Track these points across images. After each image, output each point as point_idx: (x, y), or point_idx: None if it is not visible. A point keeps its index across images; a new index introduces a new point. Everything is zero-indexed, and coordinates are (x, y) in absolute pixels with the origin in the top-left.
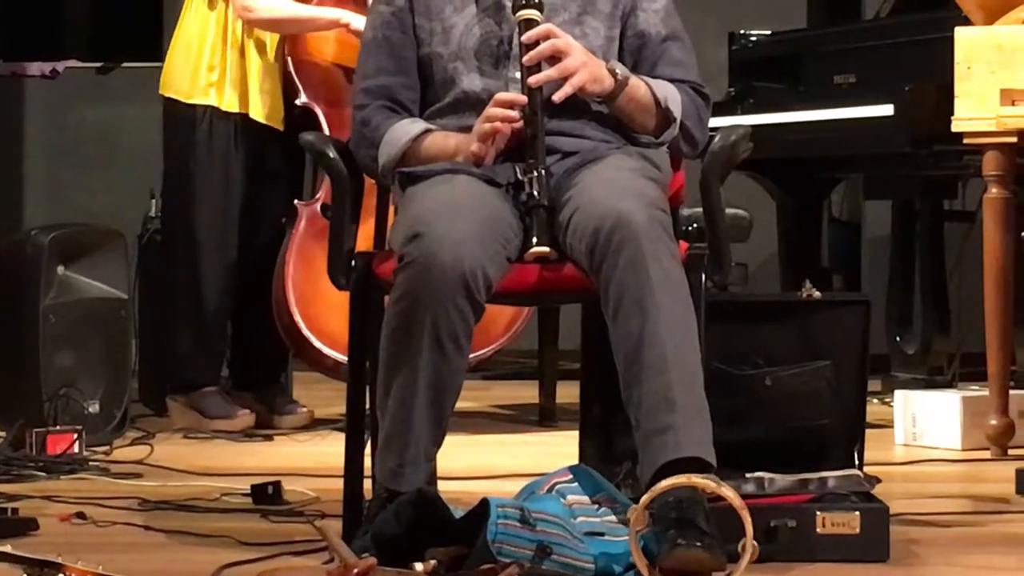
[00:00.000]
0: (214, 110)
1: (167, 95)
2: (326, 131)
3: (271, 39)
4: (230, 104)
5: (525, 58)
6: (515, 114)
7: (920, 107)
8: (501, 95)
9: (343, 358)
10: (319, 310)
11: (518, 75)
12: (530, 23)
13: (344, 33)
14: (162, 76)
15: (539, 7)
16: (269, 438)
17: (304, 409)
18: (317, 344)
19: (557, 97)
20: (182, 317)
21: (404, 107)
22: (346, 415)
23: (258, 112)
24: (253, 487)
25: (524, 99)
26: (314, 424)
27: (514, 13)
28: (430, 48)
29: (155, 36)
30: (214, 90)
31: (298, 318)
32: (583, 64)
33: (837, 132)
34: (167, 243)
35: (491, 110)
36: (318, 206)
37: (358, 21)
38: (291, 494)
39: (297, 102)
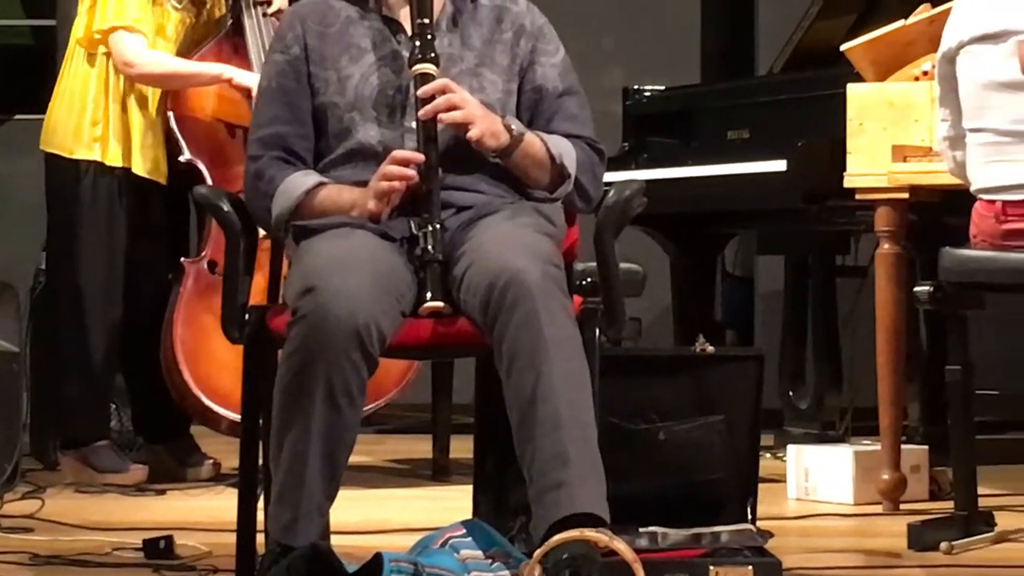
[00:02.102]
0: (98, 165)
1: (49, 151)
2: None
3: (153, 94)
4: (113, 158)
5: (420, 112)
6: (412, 173)
7: (813, 163)
8: (398, 153)
9: (234, 416)
10: (209, 368)
11: (415, 126)
12: (426, 77)
13: (227, 88)
14: (43, 131)
15: (435, 61)
16: (162, 492)
17: (211, 461)
18: (207, 402)
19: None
20: (70, 371)
21: (298, 157)
22: (239, 469)
23: (141, 167)
24: (145, 542)
25: (421, 157)
26: (215, 478)
27: (410, 67)
28: (326, 98)
29: (48, 88)
30: (98, 145)
31: (188, 377)
32: (479, 118)
33: (731, 187)
34: (53, 298)
35: (388, 168)
36: (205, 263)
37: (241, 76)
38: (183, 549)
39: (181, 159)
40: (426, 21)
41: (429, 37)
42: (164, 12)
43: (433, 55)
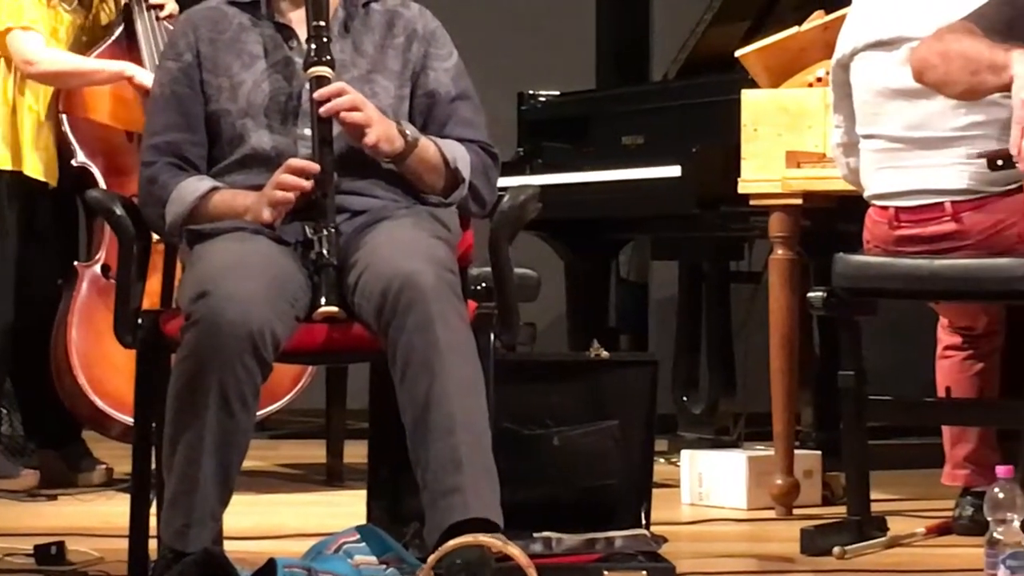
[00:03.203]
0: None
1: None
2: None
3: (43, 96)
4: (3, 161)
5: (321, 110)
6: (307, 184)
7: (707, 169)
8: (293, 162)
9: (128, 420)
10: (103, 372)
11: (308, 132)
12: (322, 80)
13: (122, 91)
14: None
15: (331, 64)
16: (53, 497)
17: (103, 466)
18: (101, 407)
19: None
20: None
21: (192, 164)
22: (132, 474)
23: (33, 169)
24: (36, 547)
25: (316, 167)
26: (107, 483)
27: (305, 70)
28: (218, 104)
29: None
30: None
31: (82, 380)
32: (375, 123)
33: (625, 193)
34: None
35: (282, 177)
36: (98, 267)
37: (142, 75)
38: (75, 554)
39: (73, 162)
40: (322, 24)
41: (325, 40)
42: (56, 14)
43: (329, 58)
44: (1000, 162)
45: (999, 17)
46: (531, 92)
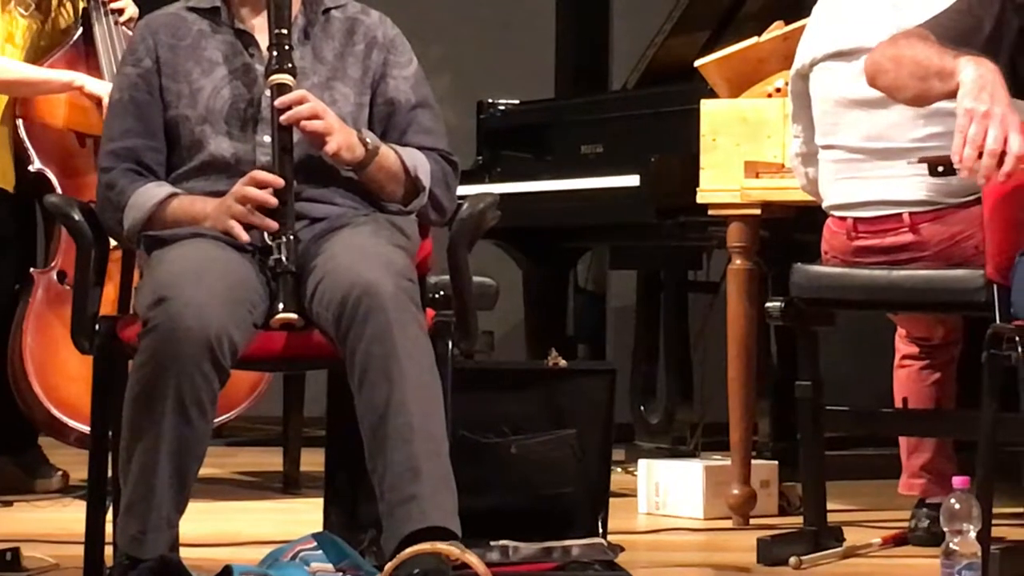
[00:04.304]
0: None
1: None
2: None
3: (0, 101)
4: None
5: (282, 118)
6: (273, 200)
7: (666, 178)
8: (258, 174)
9: (84, 427)
10: (59, 380)
11: (267, 139)
12: (283, 88)
13: (78, 96)
14: None
15: (292, 72)
16: (8, 504)
17: (60, 472)
18: (56, 414)
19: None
20: None
21: (150, 170)
22: (88, 480)
23: None
24: None
25: (280, 181)
26: (63, 489)
27: (267, 77)
28: (177, 111)
29: None
30: None
31: (37, 388)
32: (336, 131)
33: (584, 202)
34: None
35: (248, 191)
36: (54, 273)
37: (92, 84)
38: (30, 560)
39: (30, 168)
40: (284, 31)
41: (287, 48)
42: (12, 19)
43: (290, 65)
44: (941, 168)
45: (954, 26)
46: (490, 101)
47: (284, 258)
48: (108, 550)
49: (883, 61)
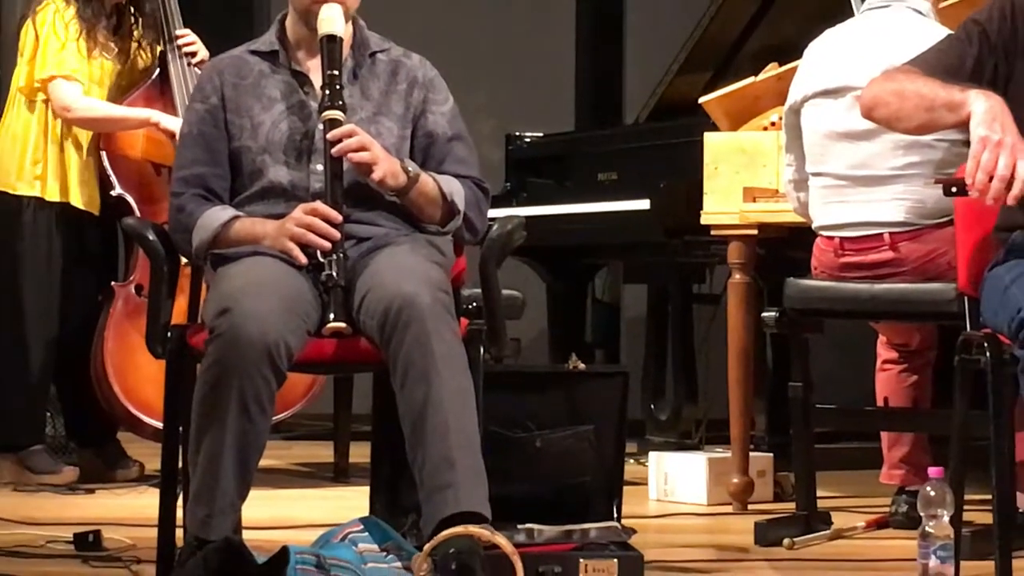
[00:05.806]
0: (38, 200)
1: None
2: None
3: (86, 135)
4: (52, 194)
5: (334, 150)
6: (336, 234)
7: (673, 202)
8: (319, 207)
9: (157, 423)
10: (135, 381)
11: (320, 168)
12: (334, 122)
13: (154, 131)
14: None
15: (342, 108)
16: (91, 491)
17: (136, 463)
18: (134, 412)
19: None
20: (8, 382)
21: (216, 195)
22: (161, 471)
23: (78, 200)
24: (75, 535)
25: (339, 217)
26: (139, 478)
27: (320, 112)
28: (240, 142)
29: None
30: (39, 182)
31: (116, 388)
32: (382, 160)
33: (600, 223)
34: None
35: (314, 222)
36: (132, 287)
37: (167, 120)
38: (110, 542)
39: (112, 192)
40: (335, 72)
41: (338, 87)
42: (99, 64)
43: (341, 103)
44: (954, 189)
45: (938, 63)
46: (517, 133)
47: (335, 273)
48: (179, 532)
49: (883, 95)
